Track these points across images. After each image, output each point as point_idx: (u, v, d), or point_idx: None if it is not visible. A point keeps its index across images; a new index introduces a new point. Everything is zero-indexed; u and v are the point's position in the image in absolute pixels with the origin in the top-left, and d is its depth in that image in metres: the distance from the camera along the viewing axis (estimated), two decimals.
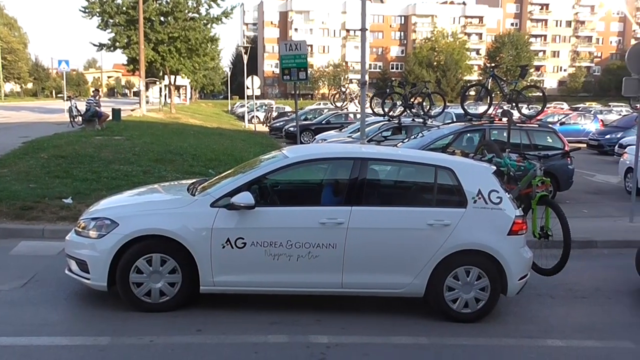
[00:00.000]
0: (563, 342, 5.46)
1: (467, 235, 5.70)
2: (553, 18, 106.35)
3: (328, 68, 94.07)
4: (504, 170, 7.52)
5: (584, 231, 9.62)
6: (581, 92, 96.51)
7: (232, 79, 74.71)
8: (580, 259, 8.25)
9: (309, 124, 27.62)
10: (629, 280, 7.29)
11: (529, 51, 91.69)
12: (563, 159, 11.86)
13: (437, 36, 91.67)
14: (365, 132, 11.97)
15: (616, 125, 25.37)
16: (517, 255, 5.83)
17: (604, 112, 41.24)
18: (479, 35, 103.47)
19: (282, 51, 13.46)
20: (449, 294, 5.74)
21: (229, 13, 38.77)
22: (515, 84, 13.14)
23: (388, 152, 7.26)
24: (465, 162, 6.54)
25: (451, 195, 5.90)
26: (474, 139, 12.22)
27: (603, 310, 6.49)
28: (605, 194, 14.32)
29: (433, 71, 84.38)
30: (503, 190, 5.97)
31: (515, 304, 6.29)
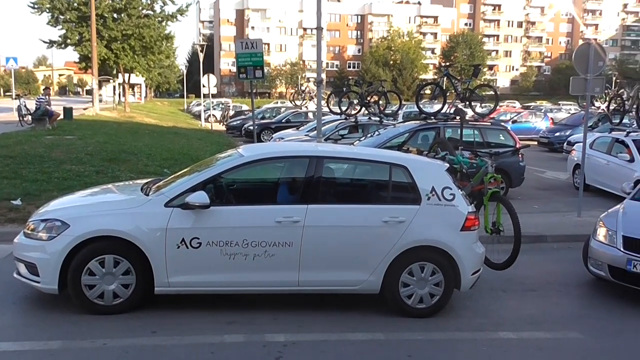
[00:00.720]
0: (514, 334, 5.61)
1: (421, 232, 5.79)
2: (505, 18, 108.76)
3: (285, 66, 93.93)
4: (457, 168, 7.68)
5: (534, 226, 9.91)
6: (532, 91, 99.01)
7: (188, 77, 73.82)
8: (531, 253, 8.49)
9: (268, 122, 27.54)
10: (577, 273, 7.52)
11: (482, 51, 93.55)
12: (514, 156, 12.15)
13: (393, 35, 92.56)
14: (321, 130, 12.00)
15: (565, 123, 26.14)
16: (470, 251, 5.96)
17: (554, 110, 42.35)
18: (434, 34, 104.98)
19: (238, 49, 13.38)
20: (404, 289, 5.82)
21: (184, 10, 38.24)
22: (468, 83, 13.41)
23: (343, 150, 7.32)
24: (419, 159, 6.64)
25: (405, 193, 5.98)
26: (429, 137, 12.40)
27: (553, 303, 6.69)
28: (555, 189, 14.74)
29: (389, 70, 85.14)
30: (456, 187, 6.08)
31: (469, 298, 6.42)
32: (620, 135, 13.46)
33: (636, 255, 6.46)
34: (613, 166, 13.04)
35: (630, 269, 6.47)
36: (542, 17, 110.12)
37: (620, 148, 13.16)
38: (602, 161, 13.52)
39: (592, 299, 6.90)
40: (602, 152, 13.73)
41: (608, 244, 6.84)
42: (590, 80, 10.73)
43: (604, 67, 11.08)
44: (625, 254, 6.55)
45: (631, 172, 11.96)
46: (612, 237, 6.83)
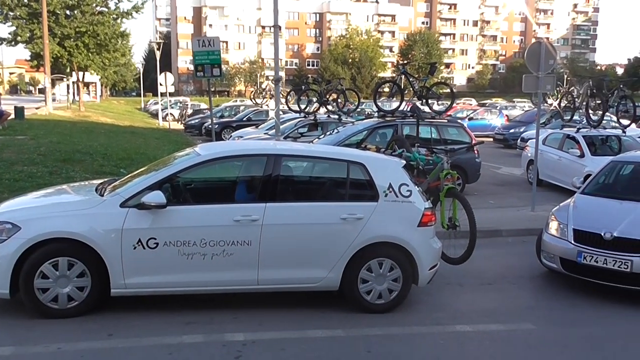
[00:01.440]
0: (470, 327, 5.72)
1: (379, 228, 5.86)
2: (461, 17, 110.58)
3: (244, 65, 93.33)
4: (413, 164, 7.78)
5: (490, 221, 10.13)
6: (488, 88, 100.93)
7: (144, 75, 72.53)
8: (486, 248, 8.68)
9: (229, 121, 27.34)
10: (531, 266, 7.72)
11: (439, 49, 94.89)
12: (468, 152, 12.36)
13: (352, 34, 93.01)
14: (280, 128, 11.99)
15: (519, 120, 26.77)
16: (427, 246, 6.05)
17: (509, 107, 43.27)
18: (391, 33, 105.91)
19: (195, 47, 13.24)
20: (363, 286, 5.87)
21: (139, 7, 37.55)
22: (425, 81, 13.58)
23: (301, 148, 7.32)
24: (377, 157, 6.71)
25: (363, 190, 6.04)
26: (387, 134, 12.51)
27: (507, 295, 6.86)
28: (510, 185, 15.08)
29: (348, 68, 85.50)
30: (413, 184, 6.17)
31: (427, 293, 6.52)
32: (571, 132, 13.87)
33: (586, 247, 6.67)
34: (565, 161, 13.43)
35: (580, 261, 6.67)
36: (496, 16, 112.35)
37: (571, 144, 13.57)
38: (554, 157, 13.91)
39: (545, 291, 7.09)
40: (554, 148, 14.12)
41: (560, 237, 7.05)
42: (541, 78, 11.01)
43: (555, 65, 11.38)
44: (576, 247, 6.75)
45: (581, 167, 12.34)
46: (564, 230, 7.04)
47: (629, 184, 8.26)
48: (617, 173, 8.48)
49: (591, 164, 11.84)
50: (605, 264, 6.50)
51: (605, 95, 14.17)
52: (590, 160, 12.45)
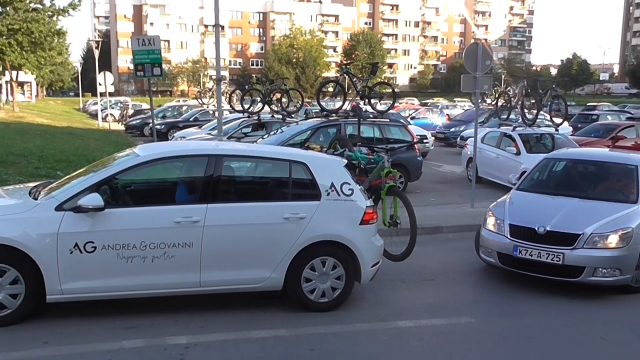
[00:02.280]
0: (412, 323, 5.84)
1: (321, 227, 5.89)
2: (403, 18, 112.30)
3: (187, 64, 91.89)
4: (355, 163, 7.86)
5: (431, 218, 10.35)
6: (430, 88, 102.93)
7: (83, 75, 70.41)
8: (428, 244, 8.87)
9: (176, 121, 26.85)
10: (471, 261, 7.94)
11: (382, 49, 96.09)
12: (410, 151, 12.57)
13: (296, 33, 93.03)
14: (222, 128, 11.88)
15: (459, 119, 27.42)
16: (369, 244, 6.13)
17: (450, 107, 44.37)
18: (335, 33, 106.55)
19: (135, 46, 12.96)
20: (307, 285, 5.90)
21: (76, 5, 36.31)
22: (367, 81, 13.74)
23: (243, 148, 7.29)
24: (318, 156, 6.75)
25: (305, 189, 6.06)
26: (331, 133, 12.59)
27: (448, 291, 7.03)
28: (451, 182, 15.44)
29: (292, 68, 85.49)
30: (354, 183, 6.24)
31: (370, 290, 6.61)
32: (508, 130, 14.32)
33: (521, 241, 6.91)
34: (502, 159, 13.85)
35: (516, 254, 6.91)
36: (437, 18, 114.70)
37: (508, 142, 14.01)
38: (492, 154, 14.33)
39: (484, 285, 7.30)
40: (492, 146, 14.56)
41: (497, 232, 7.27)
42: (479, 78, 11.32)
43: (491, 65, 11.72)
44: (512, 241, 6.99)
45: (518, 164, 12.75)
46: (500, 225, 7.26)
47: (561, 180, 8.61)
48: (550, 170, 8.81)
49: (527, 161, 12.24)
50: (539, 257, 6.75)
51: (539, 95, 14.69)
52: (526, 157, 12.88)
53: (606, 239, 6.65)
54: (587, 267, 6.59)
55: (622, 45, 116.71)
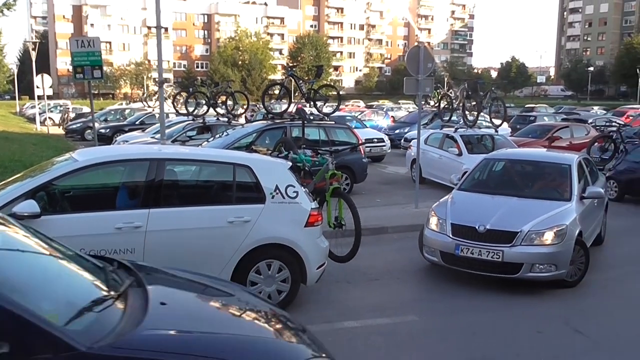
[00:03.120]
0: (358, 323, 5.90)
1: (266, 230, 5.89)
2: (348, 21, 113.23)
3: (130, 66, 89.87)
4: (300, 166, 7.88)
5: (376, 219, 10.48)
6: (375, 90, 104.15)
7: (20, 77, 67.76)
8: (373, 245, 8.99)
9: (122, 124, 26.21)
10: (415, 261, 8.08)
11: (327, 52, 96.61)
12: (355, 153, 12.68)
13: (241, 35, 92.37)
14: (165, 132, 11.68)
15: (404, 121, 27.88)
16: (314, 246, 6.17)
17: (394, 109, 44.97)
18: (281, 35, 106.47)
19: (74, 48, 12.60)
20: (252, 288, 5.86)
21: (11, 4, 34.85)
22: (312, 84, 13.80)
23: (186, 151, 7.21)
24: (262, 159, 6.74)
25: (250, 192, 6.04)
26: (277, 136, 12.58)
27: (393, 290, 7.14)
28: (396, 183, 15.66)
29: (238, 70, 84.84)
30: (299, 185, 6.26)
31: (316, 292, 6.64)
32: (450, 131, 14.66)
33: (463, 240, 7.09)
34: (445, 160, 14.17)
35: (458, 253, 7.09)
36: (381, 21, 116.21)
37: (450, 143, 14.34)
38: (435, 155, 14.64)
39: (428, 284, 7.45)
40: (435, 147, 14.86)
41: (439, 231, 7.43)
42: (421, 80, 11.53)
43: (433, 68, 11.96)
44: (454, 240, 7.16)
45: (460, 165, 13.05)
46: (443, 225, 7.43)
47: (500, 180, 8.89)
48: (490, 170, 9.08)
49: (468, 162, 12.54)
50: (480, 255, 6.95)
51: (479, 97, 15.10)
52: (467, 158, 13.20)
53: (542, 236, 6.91)
54: (525, 263, 6.82)
55: (557, 49, 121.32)
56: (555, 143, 17.80)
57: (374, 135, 20.15)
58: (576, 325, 5.95)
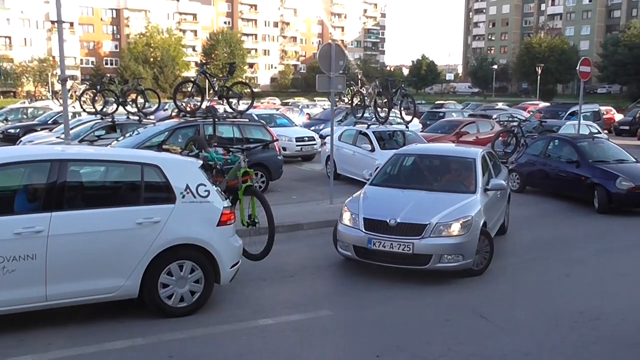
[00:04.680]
0: (272, 320, 5.91)
1: (178, 231, 5.78)
2: (262, 18, 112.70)
3: (32, 63, 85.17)
4: (211, 164, 7.78)
5: (292, 215, 10.53)
6: (291, 88, 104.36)
7: None
8: (288, 242, 9.04)
9: (32, 124, 24.73)
10: (329, 256, 8.18)
11: (242, 49, 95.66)
12: (270, 150, 12.65)
13: (152, 32, 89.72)
14: (69, 131, 11.18)
15: (319, 118, 28.14)
16: (227, 245, 6.11)
17: (310, 106, 45.34)
18: (194, 32, 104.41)
19: None
20: (164, 290, 5.75)
21: None
22: (225, 81, 13.64)
23: (91, 152, 6.93)
24: (172, 158, 6.59)
25: (159, 192, 5.90)
26: (189, 134, 12.35)
27: (308, 286, 7.20)
28: (311, 180, 15.78)
29: (150, 67, 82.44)
30: (210, 184, 6.17)
31: (231, 291, 6.59)
32: (363, 128, 14.93)
33: (375, 234, 7.25)
34: (358, 156, 14.42)
35: (370, 247, 7.24)
36: (295, 18, 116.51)
37: (363, 139, 14.60)
38: (349, 152, 14.87)
39: (341, 278, 7.57)
40: (349, 144, 15.10)
41: (352, 226, 7.56)
42: (333, 78, 11.67)
43: (345, 65, 12.13)
44: (367, 234, 7.31)
45: (373, 161, 13.33)
46: (355, 219, 7.56)
47: (410, 174, 9.16)
48: (400, 165, 9.34)
49: (381, 157, 12.80)
50: (392, 248, 7.14)
51: (390, 94, 15.47)
52: (380, 154, 13.49)
53: (450, 227, 7.18)
54: (434, 254, 7.07)
55: (464, 48, 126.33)
56: (462, 138, 18.57)
57: (305, 134, 20.17)
58: (482, 311, 6.23)
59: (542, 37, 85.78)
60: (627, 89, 71.52)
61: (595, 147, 13.14)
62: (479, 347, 5.33)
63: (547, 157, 13.60)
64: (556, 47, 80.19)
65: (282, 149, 18.46)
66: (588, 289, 7.18)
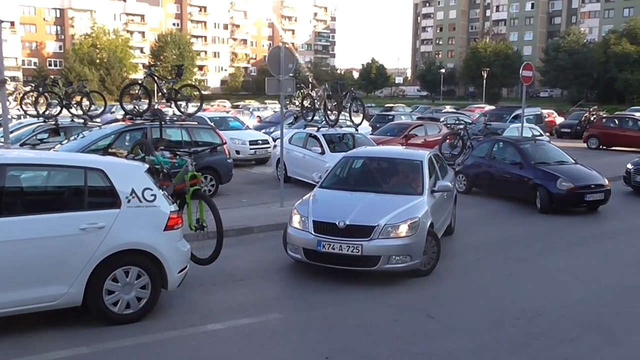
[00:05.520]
0: (221, 325, 5.86)
1: (123, 236, 5.66)
2: (211, 20, 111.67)
3: None
4: (158, 168, 7.66)
5: (242, 219, 10.48)
6: (241, 90, 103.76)
7: None
8: (238, 245, 8.99)
9: None
10: (279, 259, 8.17)
11: (191, 51, 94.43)
12: (220, 154, 12.54)
13: (98, 32, 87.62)
14: (9, 135, 10.77)
15: (269, 120, 28.07)
16: (174, 250, 6.03)
17: (261, 109, 45.15)
18: (141, 33, 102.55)
19: None
20: (109, 297, 5.63)
21: None
22: (173, 83, 13.45)
23: (31, 156, 6.71)
24: (117, 162, 6.46)
25: (104, 197, 5.77)
26: (137, 137, 12.12)
27: (258, 289, 7.17)
28: (262, 183, 15.72)
29: (96, 69, 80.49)
30: (157, 188, 6.08)
31: (179, 296, 6.50)
32: (313, 131, 14.98)
33: (324, 236, 7.28)
34: (308, 158, 14.45)
35: (320, 249, 7.27)
36: (245, 21, 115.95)
37: (314, 142, 14.66)
38: (300, 154, 14.90)
39: (291, 281, 7.57)
40: (299, 147, 15.13)
41: (302, 229, 7.58)
42: (283, 80, 11.67)
43: (294, 68, 12.16)
44: (316, 237, 7.33)
45: (323, 163, 13.38)
46: (305, 222, 7.58)
47: (359, 177, 9.24)
48: (349, 167, 9.42)
49: (331, 160, 12.85)
50: (341, 250, 7.18)
51: (339, 97, 15.58)
52: (330, 156, 13.56)
53: (397, 228, 7.28)
54: (382, 255, 7.16)
55: (413, 51, 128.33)
56: (411, 141, 18.84)
57: (259, 137, 20.03)
58: (429, 311, 6.35)
59: (487, 42, 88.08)
60: (568, 93, 74.16)
61: (537, 149, 13.56)
62: (426, 346, 5.43)
63: (492, 159, 13.96)
64: (501, 51, 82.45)
65: (236, 153, 18.39)
66: (530, 287, 7.41)
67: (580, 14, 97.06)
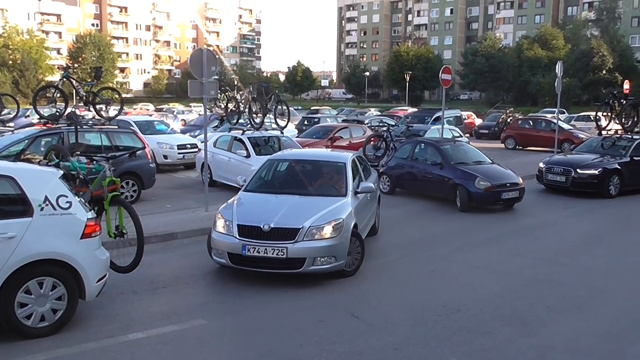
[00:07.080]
0: (143, 334, 5.71)
1: (36, 246, 5.42)
2: (133, 21, 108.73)
3: None
4: (74, 174, 7.38)
5: (165, 225, 10.27)
6: (165, 93, 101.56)
7: None
8: (162, 252, 8.81)
9: None
10: (204, 264, 8.06)
11: (112, 52, 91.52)
12: (134, 158, 12.19)
13: (10, 32, 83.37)
14: None
15: (194, 124, 27.65)
16: (92, 258, 5.82)
17: (185, 112, 44.39)
18: (58, 34, 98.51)
19: None
20: (22, 310, 5.38)
21: None
22: (91, 86, 13.01)
23: None
24: (28, 168, 6.18)
25: (14, 205, 5.50)
26: (53, 142, 11.63)
27: (181, 296, 7.04)
28: (186, 187, 15.45)
29: (9, 71, 76.52)
30: (72, 195, 5.86)
31: (99, 306, 6.29)
32: (238, 134, 14.86)
33: (249, 240, 7.24)
34: (234, 162, 14.32)
35: (245, 253, 7.22)
36: (168, 22, 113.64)
37: (239, 145, 14.54)
38: (225, 158, 14.74)
39: (216, 286, 7.48)
40: (224, 150, 14.96)
41: (226, 233, 7.50)
42: (206, 83, 11.52)
43: (217, 71, 12.02)
44: (241, 241, 7.28)
45: (249, 167, 13.28)
46: (229, 226, 7.51)
47: (284, 179, 9.26)
48: (274, 170, 9.41)
49: (256, 163, 12.77)
50: (266, 253, 7.16)
51: (264, 100, 15.54)
52: (255, 159, 13.49)
53: (322, 230, 7.34)
54: (307, 257, 7.19)
55: (338, 55, 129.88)
56: (336, 143, 19.07)
57: (187, 141, 19.56)
58: (354, 311, 6.44)
59: (409, 46, 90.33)
60: (486, 96, 77.21)
61: (456, 150, 14.04)
62: (351, 346, 5.50)
63: (414, 160, 14.33)
64: (422, 55, 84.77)
65: (164, 157, 17.96)
66: (451, 283, 7.66)
67: (495, 19, 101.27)
